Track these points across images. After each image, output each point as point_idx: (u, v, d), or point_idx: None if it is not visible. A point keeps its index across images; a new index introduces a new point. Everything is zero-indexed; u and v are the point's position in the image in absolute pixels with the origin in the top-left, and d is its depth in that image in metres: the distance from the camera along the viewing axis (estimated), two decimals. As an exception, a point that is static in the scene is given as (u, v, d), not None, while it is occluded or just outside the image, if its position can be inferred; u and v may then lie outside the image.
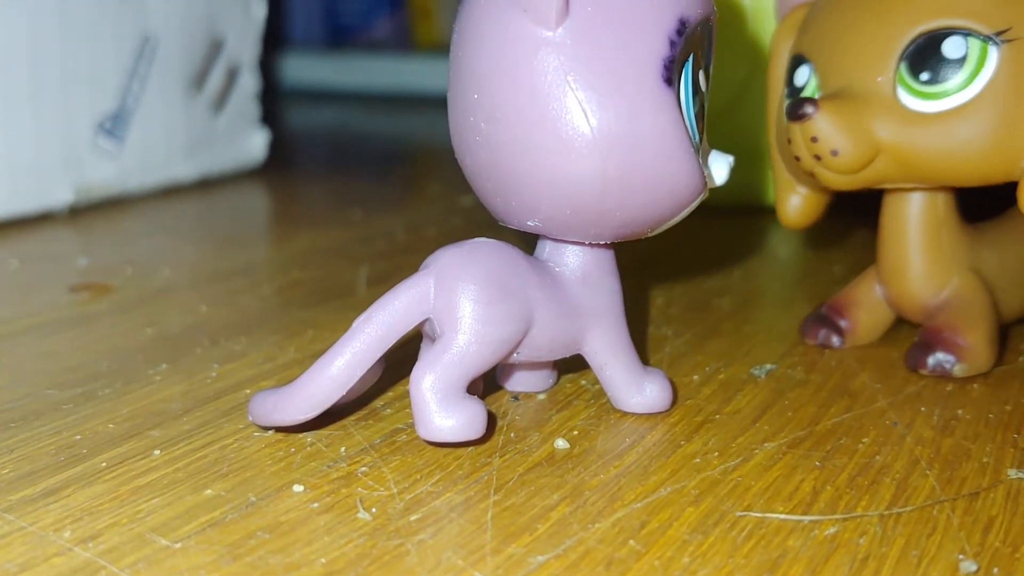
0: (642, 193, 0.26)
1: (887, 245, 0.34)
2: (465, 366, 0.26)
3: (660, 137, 0.26)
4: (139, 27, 0.56)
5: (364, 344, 0.26)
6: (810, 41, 0.33)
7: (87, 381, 0.31)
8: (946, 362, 0.32)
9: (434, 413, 0.26)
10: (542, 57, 0.25)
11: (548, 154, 0.26)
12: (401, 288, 0.27)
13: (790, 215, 0.36)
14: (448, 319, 0.26)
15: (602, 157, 0.25)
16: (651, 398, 0.29)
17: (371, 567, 0.22)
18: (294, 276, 0.44)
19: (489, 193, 0.28)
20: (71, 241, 0.49)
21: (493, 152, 0.27)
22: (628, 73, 0.25)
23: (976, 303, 0.32)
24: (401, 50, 1.07)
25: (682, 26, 0.26)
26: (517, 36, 0.25)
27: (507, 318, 0.26)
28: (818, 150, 0.31)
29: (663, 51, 0.26)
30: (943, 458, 0.27)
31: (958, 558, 0.22)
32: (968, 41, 0.30)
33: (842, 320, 0.35)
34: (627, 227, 0.27)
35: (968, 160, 0.30)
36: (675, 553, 0.22)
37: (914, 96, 0.30)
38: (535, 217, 0.27)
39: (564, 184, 0.26)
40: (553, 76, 0.25)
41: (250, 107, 0.65)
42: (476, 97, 0.26)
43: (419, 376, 0.26)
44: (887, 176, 0.31)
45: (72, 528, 0.23)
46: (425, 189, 0.65)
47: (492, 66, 0.26)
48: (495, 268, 0.27)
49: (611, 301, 0.29)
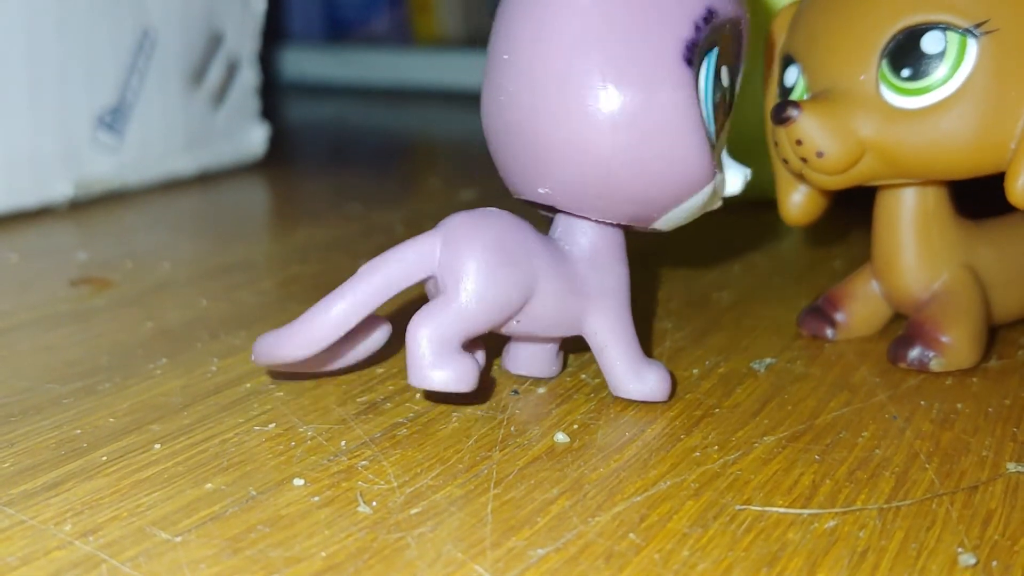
0: (651, 167, 0.26)
1: (879, 239, 0.34)
2: (463, 322, 0.26)
3: (673, 113, 0.26)
4: (138, 21, 0.56)
5: (365, 291, 0.27)
6: (797, 41, 0.33)
7: (87, 375, 0.31)
8: (925, 356, 0.32)
9: (427, 362, 0.26)
10: (568, 20, 0.26)
11: (565, 121, 0.26)
12: (409, 243, 0.27)
13: (792, 213, 0.36)
14: (451, 277, 0.27)
15: (614, 125, 0.26)
16: (649, 386, 0.29)
17: (371, 560, 0.22)
18: (294, 270, 0.44)
19: (507, 158, 0.28)
20: (71, 235, 0.49)
21: (515, 113, 0.27)
22: (650, 46, 0.26)
23: (963, 299, 0.33)
24: (401, 44, 1.07)
25: (709, 15, 0.27)
26: (549, 0, 0.26)
27: (510, 282, 0.27)
28: (804, 152, 0.31)
29: (688, 33, 0.26)
30: (942, 452, 0.27)
31: (957, 551, 0.22)
32: (947, 35, 0.30)
33: (838, 313, 0.35)
34: (634, 204, 0.27)
35: (955, 153, 0.30)
36: (675, 546, 0.22)
37: (897, 93, 0.30)
38: (547, 183, 0.28)
39: (576, 149, 0.26)
40: (576, 40, 0.26)
41: (250, 101, 0.65)
42: (506, 58, 0.27)
43: (417, 325, 0.26)
44: (875, 174, 0.31)
45: (73, 522, 0.23)
46: (425, 183, 0.65)
47: (522, 27, 0.27)
48: (502, 234, 0.27)
49: (617, 284, 0.29)
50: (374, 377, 0.31)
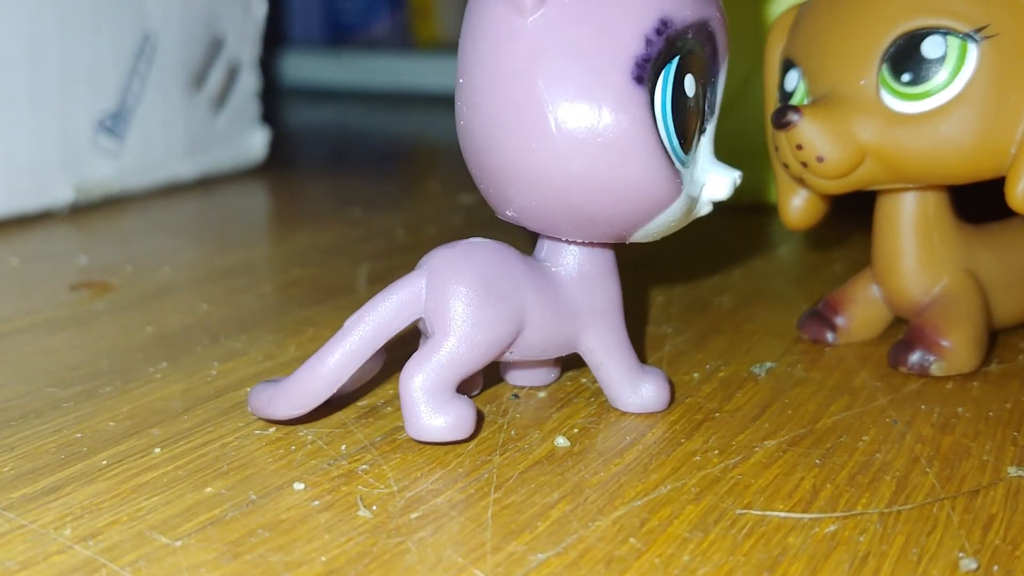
0: (606, 191, 0.26)
1: (879, 244, 0.34)
2: (454, 367, 0.26)
3: (622, 136, 0.25)
4: (139, 25, 0.56)
5: (355, 343, 0.26)
6: (798, 45, 0.33)
7: (87, 379, 0.31)
8: (925, 360, 0.32)
9: (423, 413, 0.26)
10: (515, 45, 0.25)
11: (514, 144, 0.26)
12: (393, 288, 0.27)
13: (792, 217, 0.36)
14: (439, 321, 0.26)
15: (563, 150, 0.25)
16: (646, 398, 0.29)
17: (371, 565, 0.22)
18: (294, 274, 0.44)
19: (476, 180, 0.28)
20: (71, 239, 0.49)
21: (472, 139, 0.27)
22: (597, 67, 0.25)
23: (963, 303, 0.33)
24: (401, 49, 1.07)
25: (663, 26, 0.25)
26: (495, 22, 0.25)
27: (497, 321, 0.26)
28: (804, 157, 0.31)
29: (637, 49, 0.25)
30: (943, 456, 0.27)
31: (958, 556, 0.22)
32: (947, 40, 0.30)
33: (838, 317, 0.35)
34: (599, 226, 0.27)
35: (954, 158, 0.30)
36: (675, 551, 0.22)
37: (897, 98, 0.30)
38: (510, 207, 0.27)
39: (529, 176, 0.26)
40: (522, 65, 0.25)
41: (250, 106, 0.65)
42: (461, 82, 0.27)
43: (409, 376, 0.26)
44: (876, 178, 0.31)
45: (72, 526, 0.23)
46: (425, 187, 0.65)
47: (472, 51, 0.26)
48: (486, 270, 0.27)
49: (607, 301, 0.28)
50: (374, 381, 0.31)
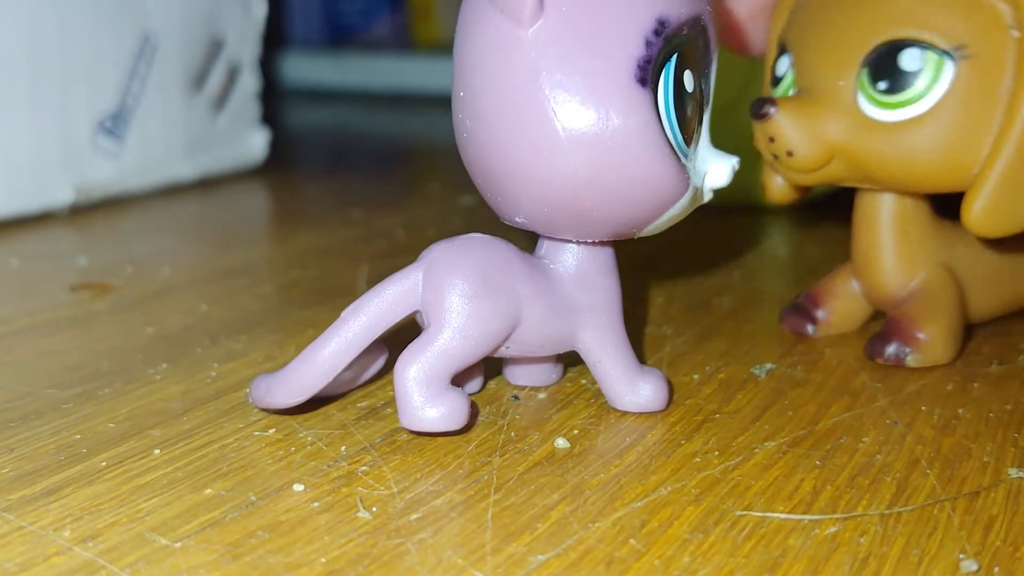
0: (617, 194, 0.26)
1: (858, 239, 0.34)
2: (448, 359, 0.26)
3: (631, 138, 0.25)
4: (139, 26, 0.56)
5: (351, 333, 0.27)
6: (793, 32, 0.33)
7: (87, 380, 0.31)
8: (901, 352, 0.32)
9: (417, 403, 0.26)
10: (516, 56, 0.25)
11: (522, 154, 0.26)
12: (391, 280, 0.27)
13: (775, 192, 0.36)
14: (434, 312, 0.27)
15: (572, 158, 0.25)
16: (644, 398, 0.29)
17: (371, 566, 0.22)
18: (294, 275, 0.44)
19: (482, 189, 0.28)
20: (71, 240, 0.49)
21: (477, 150, 0.27)
22: (600, 72, 0.25)
23: (940, 297, 0.33)
24: (401, 50, 1.07)
25: (661, 26, 0.26)
26: (495, 35, 0.26)
27: (492, 314, 0.27)
28: (775, 149, 0.32)
29: (638, 51, 0.25)
30: (944, 457, 0.27)
31: (959, 557, 0.22)
32: (925, 54, 0.30)
33: (818, 310, 0.36)
34: (610, 226, 0.27)
35: (919, 171, 0.31)
36: (675, 552, 0.22)
37: (873, 104, 0.31)
38: (520, 214, 0.27)
39: (539, 184, 0.26)
40: (526, 75, 0.25)
41: (250, 106, 0.65)
42: (462, 95, 0.27)
43: (403, 366, 0.26)
44: (843, 177, 0.32)
45: (72, 527, 0.23)
46: (425, 189, 0.65)
47: (474, 64, 0.26)
48: (483, 263, 0.27)
49: (605, 299, 0.29)
50: (374, 382, 0.31)
